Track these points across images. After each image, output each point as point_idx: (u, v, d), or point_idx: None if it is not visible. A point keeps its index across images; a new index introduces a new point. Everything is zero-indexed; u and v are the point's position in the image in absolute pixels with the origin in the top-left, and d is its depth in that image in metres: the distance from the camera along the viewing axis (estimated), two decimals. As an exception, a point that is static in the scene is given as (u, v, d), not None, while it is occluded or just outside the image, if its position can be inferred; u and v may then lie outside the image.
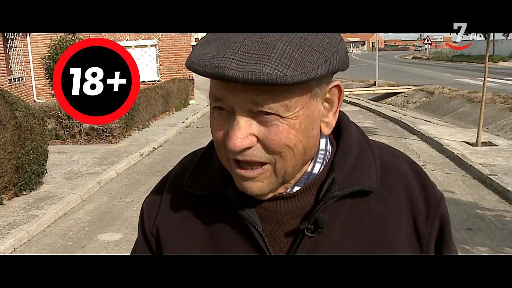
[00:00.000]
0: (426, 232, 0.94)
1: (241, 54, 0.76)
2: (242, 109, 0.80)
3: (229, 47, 0.78)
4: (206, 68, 0.77)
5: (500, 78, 24.63)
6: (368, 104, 17.56)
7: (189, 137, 11.78)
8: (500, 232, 5.53)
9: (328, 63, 0.79)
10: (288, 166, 0.85)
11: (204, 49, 0.81)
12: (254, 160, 0.83)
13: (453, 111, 16.35)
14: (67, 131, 10.97)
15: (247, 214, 0.91)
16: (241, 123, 0.81)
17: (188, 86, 17.85)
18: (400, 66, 44.48)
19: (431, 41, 55.24)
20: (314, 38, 0.80)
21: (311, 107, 0.83)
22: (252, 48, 0.77)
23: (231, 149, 0.81)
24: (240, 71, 0.75)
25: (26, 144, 6.75)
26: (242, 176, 0.86)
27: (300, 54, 0.77)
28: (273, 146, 0.82)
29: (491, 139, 10.34)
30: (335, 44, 0.82)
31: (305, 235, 0.89)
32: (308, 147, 0.86)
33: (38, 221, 6.01)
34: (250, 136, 0.81)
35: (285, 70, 0.75)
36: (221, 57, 0.77)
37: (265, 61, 0.75)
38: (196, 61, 0.80)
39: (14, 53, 15.77)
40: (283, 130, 0.81)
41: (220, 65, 0.76)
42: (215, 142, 0.88)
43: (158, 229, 1.01)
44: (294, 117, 0.81)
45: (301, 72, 0.75)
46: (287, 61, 0.75)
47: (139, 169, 8.96)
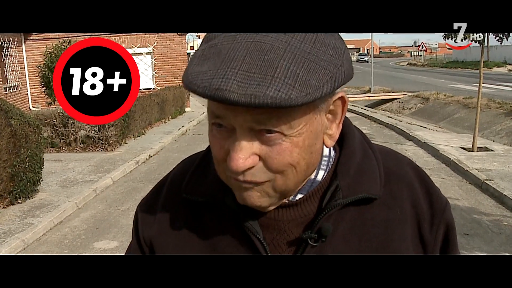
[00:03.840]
0: (431, 240, 0.92)
1: (242, 74, 0.72)
2: (243, 128, 0.77)
3: (229, 65, 0.73)
4: (205, 90, 0.73)
5: (495, 83, 24.74)
6: (363, 111, 17.59)
7: (185, 144, 11.75)
8: (497, 237, 5.53)
9: (334, 79, 0.75)
10: (289, 184, 0.82)
11: (202, 66, 0.76)
12: (254, 181, 0.80)
13: (449, 116, 16.38)
14: (62, 139, 10.93)
15: (248, 222, 0.88)
16: (242, 143, 0.77)
17: (184, 94, 17.85)
18: (395, 72, 44.64)
19: (426, 47, 55.58)
20: (318, 51, 0.76)
21: (314, 122, 0.80)
22: (253, 67, 0.72)
23: (233, 170, 0.78)
24: (242, 94, 0.70)
25: (21, 152, 6.71)
26: (242, 188, 0.82)
27: (305, 72, 0.73)
28: (275, 165, 0.79)
29: (487, 144, 10.37)
30: (339, 56, 0.78)
31: (308, 244, 0.87)
32: (311, 163, 0.84)
33: (34, 229, 5.96)
34: (252, 156, 0.78)
35: (289, 92, 0.71)
36: (221, 78, 0.72)
37: (268, 82, 0.71)
38: (194, 81, 0.75)
39: (10, 62, 15.75)
40: (286, 149, 0.78)
41: (220, 88, 0.71)
42: (215, 159, 0.84)
43: (153, 239, 0.97)
44: (297, 134, 0.78)
45: (306, 93, 0.72)
46: (291, 81, 0.71)
47: (135, 176, 8.93)
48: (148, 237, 0.98)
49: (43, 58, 13.75)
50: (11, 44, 15.87)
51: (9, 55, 15.71)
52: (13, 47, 16.05)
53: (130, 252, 1.03)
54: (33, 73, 15.91)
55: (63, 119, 10.73)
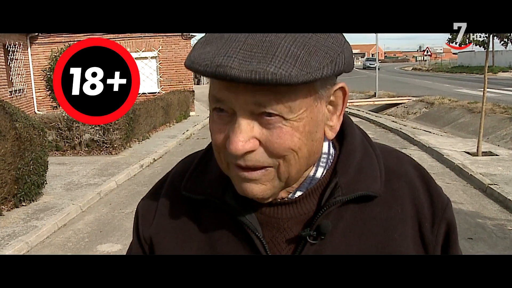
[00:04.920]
0: (432, 239, 0.92)
1: (244, 52, 0.73)
2: (244, 110, 0.77)
3: (231, 45, 0.74)
4: (206, 68, 0.74)
5: (499, 88, 24.65)
6: (368, 115, 17.57)
7: (190, 148, 11.75)
8: (501, 241, 5.51)
9: (334, 63, 0.76)
10: (292, 170, 0.82)
11: (204, 48, 0.77)
12: (256, 165, 0.80)
13: (453, 121, 16.34)
14: (67, 143, 10.97)
15: (247, 220, 0.88)
16: (242, 125, 0.77)
17: (189, 98, 17.89)
18: (400, 77, 44.56)
19: (431, 52, 55.52)
20: (319, 38, 0.77)
21: (315, 109, 0.80)
22: (255, 47, 0.73)
23: (233, 153, 0.78)
24: (243, 70, 0.71)
25: (26, 155, 6.74)
26: (244, 178, 0.82)
27: (305, 53, 0.74)
28: (276, 150, 0.78)
29: (492, 149, 10.34)
30: (340, 45, 0.79)
31: (307, 242, 0.87)
32: (313, 151, 0.83)
33: (38, 232, 5.98)
34: (252, 139, 0.78)
35: (290, 69, 0.71)
36: (222, 55, 0.73)
37: (269, 60, 0.72)
38: (196, 60, 0.76)
39: (15, 65, 15.83)
40: (287, 133, 0.78)
41: (222, 64, 0.72)
42: (214, 146, 0.84)
43: (153, 237, 0.97)
44: (298, 119, 0.78)
45: (306, 72, 0.72)
46: (292, 60, 0.72)
47: (139, 180, 8.94)
48: (148, 235, 0.98)
49: (49, 62, 13.83)
50: (17, 48, 15.96)
51: (15, 59, 15.79)
52: (19, 51, 16.13)
53: (131, 251, 1.03)
54: (39, 77, 16.00)
55: (67, 123, 10.77)
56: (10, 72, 15.42)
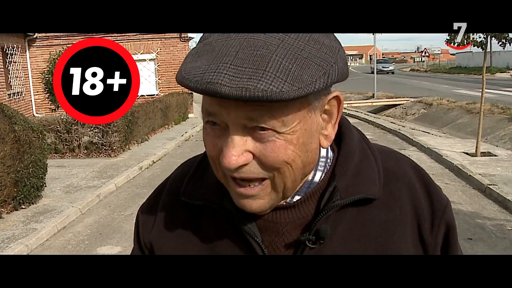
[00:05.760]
0: (432, 240, 0.91)
1: (234, 68, 0.72)
2: (236, 125, 0.76)
3: (221, 60, 0.73)
4: (197, 84, 0.73)
5: (498, 89, 24.67)
6: (367, 116, 17.58)
7: (188, 150, 11.75)
8: (501, 241, 5.51)
9: (327, 75, 0.75)
10: (287, 181, 0.81)
11: (195, 62, 0.76)
12: (251, 177, 0.80)
13: (452, 122, 16.35)
14: (66, 145, 10.96)
15: (245, 225, 0.88)
16: (235, 139, 0.77)
17: (187, 100, 17.87)
18: (398, 78, 44.57)
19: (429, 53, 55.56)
20: (312, 49, 0.75)
21: (309, 120, 0.79)
22: (245, 62, 0.72)
23: (226, 167, 0.78)
24: (233, 87, 0.70)
25: (25, 157, 6.73)
26: (241, 194, 0.82)
27: (297, 67, 0.72)
28: (270, 163, 0.78)
29: (490, 150, 10.35)
30: (333, 54, 0.77)
31: (306, 246, 0.86)
32: (307, 162, 0.83)
33: (37, 234, 5.97)
34: (245, 153, 0.77)
35: (281, 85, 0.70)
36: (213, 72, 0.72)
37: (259, 76, 0.70)
38: (187, 76, 0.75)
39: (14, 68, 15.81)
40: (280, 146, 0.77)
41: (212, 81, 0.71)
42: (209, 157, 0.84)
43: (153, 242, 0.97)
44: (291, 132, 0.77)
45: (298, 87, 0.71)
46: (283, 76, 0.71)
47: (139, 182, 8.93)
48: (148, 240, 0.99)
49: (47, 64, 13.79)
50: (15, 51, 15.95)
51: (13, 62, 15.78)
52: (17, 54, 16.12)
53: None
54: (37, 80, 15.97)
55: (66, 125, 10.75)
56: (8, 74, 15.41)
